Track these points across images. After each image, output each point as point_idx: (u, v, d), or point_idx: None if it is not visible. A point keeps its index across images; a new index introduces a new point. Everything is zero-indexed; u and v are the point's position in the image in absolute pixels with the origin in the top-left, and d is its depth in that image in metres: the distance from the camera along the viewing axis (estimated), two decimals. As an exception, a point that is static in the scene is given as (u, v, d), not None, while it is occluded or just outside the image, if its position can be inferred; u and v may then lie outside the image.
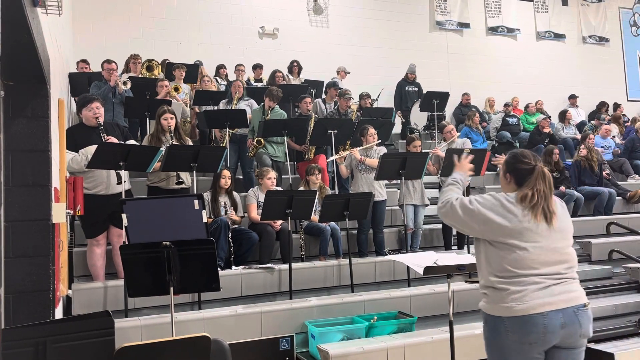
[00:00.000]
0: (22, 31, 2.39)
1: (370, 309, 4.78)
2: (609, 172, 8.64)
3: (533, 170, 2.54)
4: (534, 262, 2.44)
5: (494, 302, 2.48)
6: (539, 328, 2.38)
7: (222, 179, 5.57)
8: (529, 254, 2.44)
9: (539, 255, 2.45)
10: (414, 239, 6.32)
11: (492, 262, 2.51)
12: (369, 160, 6.07)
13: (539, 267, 2.44)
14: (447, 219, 2.67)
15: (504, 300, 2.43)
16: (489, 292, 2.52)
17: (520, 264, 2.44)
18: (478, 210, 2.52)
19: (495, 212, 2.50)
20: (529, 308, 2.39)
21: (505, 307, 2.42)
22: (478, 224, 2.53)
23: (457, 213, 2.58)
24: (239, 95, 7.48)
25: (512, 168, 2.62)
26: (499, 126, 10.32)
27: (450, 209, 2.61)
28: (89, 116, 4.77)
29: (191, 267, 3.29)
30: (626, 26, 14.85)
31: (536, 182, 2.52)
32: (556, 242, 2.49)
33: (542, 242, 2.46)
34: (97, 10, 9.83)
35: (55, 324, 2.79)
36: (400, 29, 12.27)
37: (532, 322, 2.38)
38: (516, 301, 2.41)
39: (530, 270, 2.44)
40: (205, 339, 2.73)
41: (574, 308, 2.44)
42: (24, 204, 3.14)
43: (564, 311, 2.41)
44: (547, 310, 2.39)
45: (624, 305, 5.55)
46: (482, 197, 2.60)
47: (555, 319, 2.39)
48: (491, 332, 2.52)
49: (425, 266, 3.43)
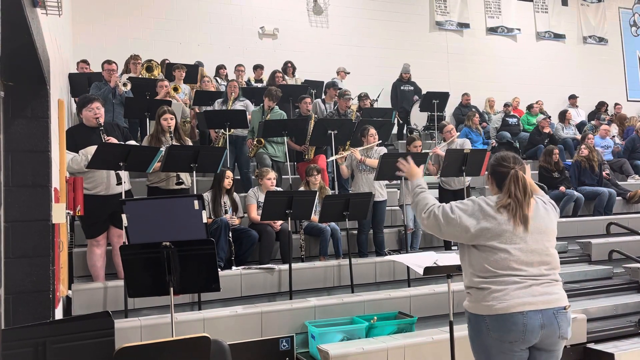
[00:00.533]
0: (22, 31, 2.39)
1: (370, 309, 4.78)
2: (608, 172, 8.64)
3: (507, 174, 2.59)
4: (514, 263, 2.49)
5: (476, 301, 2.53)
6: (519, 327, 2.42)
7: (225, 179, 5.56)
8: (509, 255, 2.49)
9: (519, 256, 2.50)
10: (414, 239, 6.32)
11: (475, 263, 2.56)
12: (369, 160, 6.06)
13: (520, 268, 2.49)
14: (431, 230, 2.68)
15: (485, 299, 2.49)
16: (472, 292, 2.57)
17: (501, 264, 2.49)
18: (460, 219, 2.55)
19: (476, 217, 2.55)
20: (509, 307, 2.44)
21: (486, 306, 2.48)
22: (461, 232, 2.56)
23: (441, 223, 2.60)
24: (234, 95, 7.47)
25: (492, 171, 2.69)
26: (498, 126, 10.32)
27: (434, 219, 2.62)
28: (89, 116, 4.77)
29: (191, 267, 3.29)
30: (626, 26, 14.86)
31: (510, 186, 2.56)
32: (536, 244, 2.53)
33: (521, 244, 2.51)
34: (97, 11, 9.84)
35: (55, 325, 2.79)
36: (400, 29, 12.28)
37: (512, 321, 2.43)
38: (497, 300, 2.46)
39: (511, 270, 2.49)
40: (205, 339, 2.72)
41: (553, 310, 2.48)
42: (24, 205, 3.14)
43: (543, 312, 2.45)
44: (527, 309, 2.43)
45: (624, 305, 5.55)
46: (462, 203, 2.63)
47: (535, 319, 2.44)
48: (474, 331, 2.58)
49: (425, 266, 3.43)
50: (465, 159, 5.89)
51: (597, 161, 8.24)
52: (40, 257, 3.16)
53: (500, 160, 2.67)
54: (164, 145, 5.21)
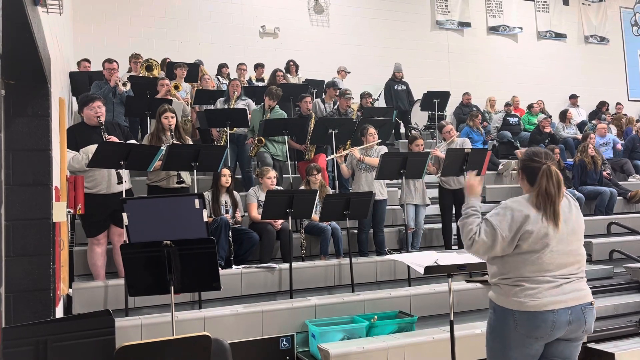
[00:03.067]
0: (23, 30, 2.38)
1: (370, 309, 4.78)
2: (609, 171, 8.63)
3: (539, 169, 2.57)
4: (549, 266, 2.52)
5: (506, 295, 2.55)
6: (548, 324, 2.47)
7: (222, 177, 5.56)
8: (543, 258, 2.52)
9: (554, 259, 2.53)
10: (415, 238, 6.32)
11: (508, 265, 2.57)
12: (368, 159, 6.06)
13: (553, 269, 2.53)
14: (479, 253, 2.63)
15: (517, 295, 2.51)
16: (502, 286, 2.58)
17: (535, 267, 2.52)
18: (503, 231, 2.52)
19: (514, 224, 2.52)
20: (541, 305, 2.48)
21: (518, 302, 2.50)
22: (508, 245, 2.54)
23: (486, 242, 2.55)
24: (237, 94, 7.48)
25: (523, 166, 2.67)
26: (499, 126, 10.31)
27: (477, 244, 2.58)
28: (91, 115, 4.77)
29: (192, 266, 3.29)
30: (627, 26, 14.84)
31: (542, 181, 2.54)
32: (569, 245, 2.56)
33: (555, 247, 2.52)
34: (98, 10, 9.84)
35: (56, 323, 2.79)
36: (401, 28, 12.27)
37: (542, 318, 2.47)
38: (530, 297, 2.49)
39: (545, 272, 2.52)
40: (205, 338, 2.72)
41: (581, 306, 2.53)
42: (25, 203, 3.14)
43: (572, 308, 2.50)
44: (558, 307, 2.48)
45: (624, 305, 5.54)
46: (497, 215, 2.58)
47: (564, 316, 2.49)
48: (498, 322, 2.59)
49: (425, 266, 3.42)
50: (466, 158, 5.89)
51: (599, 161, 8.24)
52: (40, 256, 3.16)
53: (532, 155, 2.64)
54: (164, 144, 5.21)
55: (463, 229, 2.68)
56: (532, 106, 11.14)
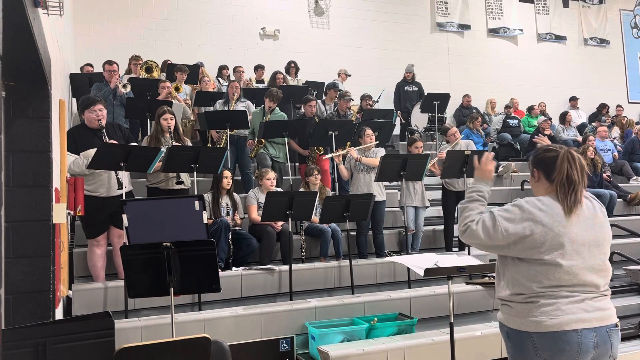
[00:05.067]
0: (24, 31, 2.39)
1: (370, 311, 4.78)
2: (609, 174, 8.63)
3: (558, 155, 2.26)
4: (567, 281, 2.18)
5: (519, 315, 2.20)
6: (574, 347, 2.12)
7: (224, 179, 5.56)
8: (561, 271, 2.17)
9: (573, 274, 2.18)
10: (415, 240, 6.32)
11: (520, 276, 2.24)
12: (365, 159, 6.06)
13: (574, 281, 2.19)
14: (470, 242, 2.34)
15: (532, 314, 2.17)
16: (512, 305, 2.24)
17: (551, 282, 2.18)
18: (506, 232, 2.21)
19: (527, 227, 2.19)
20: (561, 323, 2.14)
21: (534, 322, 2.16)
22: (509, 245, 2.23)
23: (480, 237, 2.26)
24: (236, 96, 7.48)
25: (538, 161, 2.33)
26: (499, 128, 10.32)
27: (470, 234, 2.29)
28: (92, 118, 4.77)
29: (191, 268, 3.29)
30: (627, 28, 14.85)
31: (563, 166, 2.23)
32: (593, 259, 2.22)
33: (577, 260, 2.19)
34: (98, 11, 9.85)
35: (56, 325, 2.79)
36: (401, 30, 12.28)
37: (566, 340, 2.12)
38: (547, 314, 2.15)
39: (562, 288, 2.18)
40: (205, 340, 2.72)
41: (607, 327, 2.19)
42: (25, 205, 3.14)
43: (597, 330, 2.16)
44: (581, 327, 2.14)
45: (624, 307, 5.53)
46: (506, 210, 2.26)
47: (589, 338, 2.14)
48: (516, 349, 2.23)
49: (425, 268, 3.42)
50: (466, 160, 5.89)
51: (599, 163, 8.24)
52: (40, 257, 3.16)
53: (545, 147, 2.35)
54: (163, 145, 5.21)
55: (462, 212, 2.36)
56: (532, 108, 11.15)
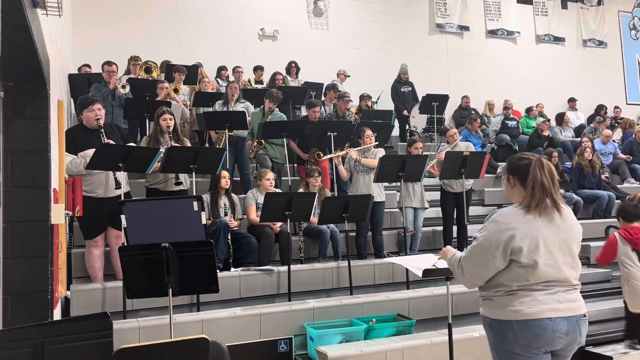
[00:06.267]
0: (22, 32, 2.39)
1: (369, 312, 4.78)
2: (607, 175, 8.64)
3: (530, 163, 2.50)
4: (544, 275, 2.43)
5: (500, 306, 2.46)
6: (548, 333, 2.39)
7: (222, 179, 5.56)
8: (537, 271, 2.42)
9: (547, 271, 2.43)
10: (414, 241, 6.32)
11: (502, 279, 2.48)
12: (364, 160, 6.06)
13: (548, 277, 2.44)
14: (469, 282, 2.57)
15: (511, 304, 2.43)
16: (493, 299, 2.49)
17: (528, 277, 2.43)
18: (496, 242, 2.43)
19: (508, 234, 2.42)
20: (537, 312, 2.39)
21: (514, 311, 2.42)
22: (500, 261, 2.44)
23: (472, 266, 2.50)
24: (235, 97, 7.48)
25: (513, 168, 2.57)
26: (498, 129, 10.32)
27: (461, 272, 2.55)
28: (91, 118, 4.77)
29: (190, 268, 3.28)
30: (625, 29, 14.88)
31: (534, 172, 2.46)
32: (563, 256, 2.47)
33: (549, 260, 2.43)
34: (97, 12, 9.85)
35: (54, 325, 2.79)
36: (400, 31, 12.29)
37: (541, 327, 2.38)
38: (525, 304, 2.41)
39: (538, 281, 2.43)
40: (203, 340, 2.72)
41: (576, 317, 2.46)
42: (23, 205, 3.14)
43: (568, 319, 2.43)
44: (555, 316, 2.40)
45: (622, 308, 5.53)
46: (484, 229, 2.51)
47: (562, 326, 2.41)
48: (497, 338, 2.48)
49: (424, 269, 3.42)
50: (464, 161, 5.89)
51: (597, 165, 8.24)
52: (39, 258, 3.16)
53: (519, 155, 2.60)
54: (162, 146, 5.21)
55: (449, 267, 2.68)
56: (530, 109, 11.15)
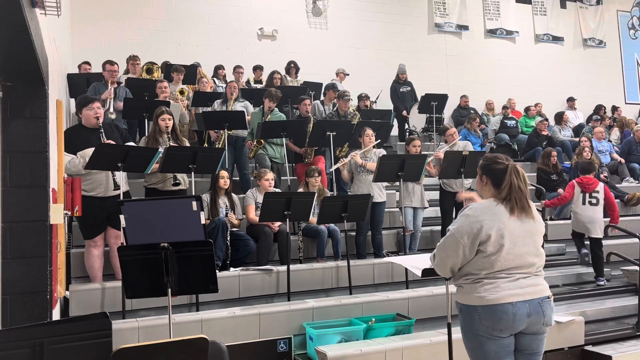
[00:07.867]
0: (21, 32, 2.39)
1: (368, 311, 4.78)
2: (606, 174, 8.64)
3: (506, 168, 2.73)
4: (506, 265, 2.67)
5: (468, 292, 2.72)
6: (509, 316, 2.62)
7: (220, 179, 5.56)
8: (501, 259, 2.66)
9: (511, 260, 2.67)
10: (413, 241, 6.32)
11: (471, 268, 2.73)
12: (369, 164, 6.05)
13: (511, 266, 2.68)
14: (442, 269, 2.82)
15: (477, 291, 2.68)
16: (464, 285, 2.75)
17: (495, 266, 2.67)
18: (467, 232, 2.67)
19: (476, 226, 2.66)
20: (499, 298, 2.64)
21: (478, 297, 2.67)
22: (469, 250, 2.69)
23: (445, 256, 2.75)
24: (235, 96, 7.47)
25: (487, 169, 2.80)
26: (497, 128, 10.33)
27: (435, 261, 2.83)
28: (90, 116, 4.76)
29: (189, 268, 3.28)
30: (624, 29, 14.89)
31: (512, 178, 2.70)
32: (526, 247, 2.70)
33: (513, 249, 2.66)
34: (96, 12, 9.83)
35: (53, 326, 2.79)
36: (399, 31, 12.29)
37: (503, 310, 2.62)
38: (488, 291, 2.65)
39: (502, 271, 2.68)
40: (202, 340, 2.72)
41: (539, 299, 2.69)
42: (22, 205, 3.14)
43: (530, 302, 2.67)
44: (516, 300, 2.64)
45: (621, 307, 5.55)
46: (454, 222, 2.78)
47: (523, 309, 2.64)
48: (465, 321, 2.75)
49: (423, 268, 3.42)
50: (464, 160, 5.89)
51: (596, 163, 8.24)
52: (37, 258, 3.16)
53: (494, 158, 2.82)
54: (161, 145, 5.21)
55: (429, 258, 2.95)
56: (529, 109, 11.16)
